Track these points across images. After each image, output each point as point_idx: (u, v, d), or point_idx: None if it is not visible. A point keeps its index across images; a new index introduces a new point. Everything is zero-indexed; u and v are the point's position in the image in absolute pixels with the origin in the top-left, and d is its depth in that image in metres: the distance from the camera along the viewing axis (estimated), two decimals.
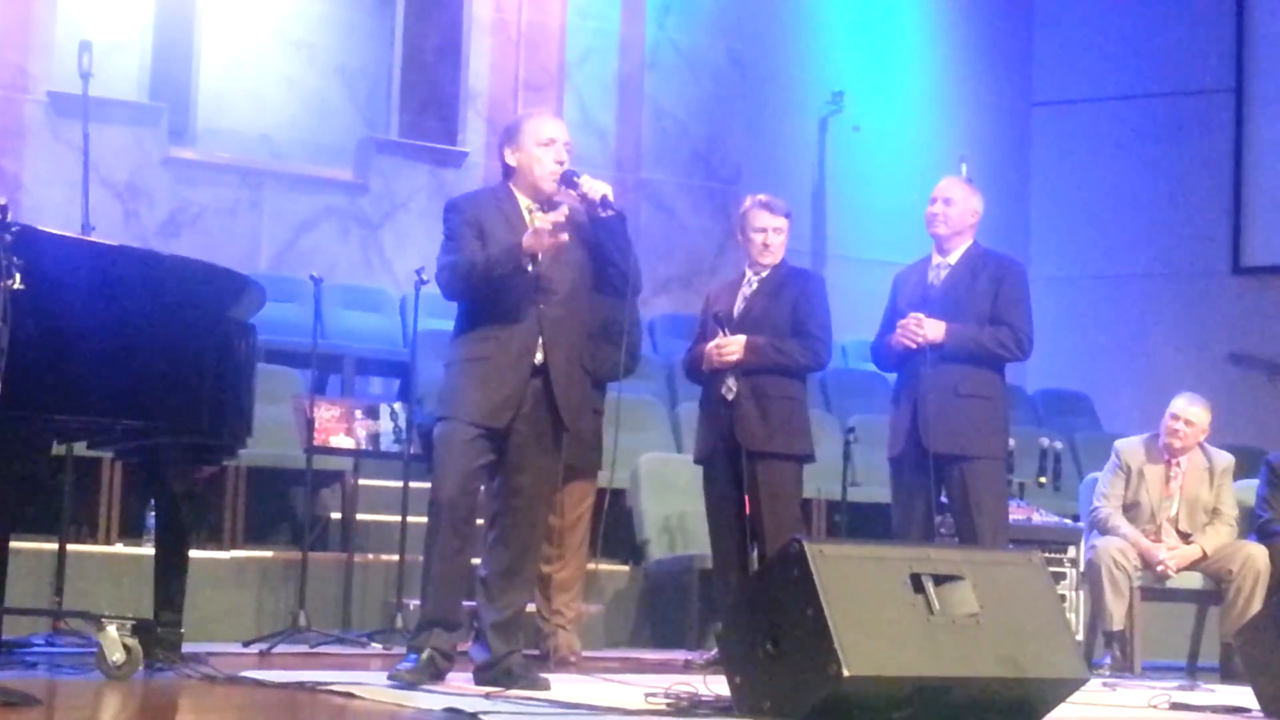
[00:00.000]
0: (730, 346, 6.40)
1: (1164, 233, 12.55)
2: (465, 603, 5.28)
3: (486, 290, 5.07)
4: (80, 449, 6.29)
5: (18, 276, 4.37)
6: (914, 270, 6.57)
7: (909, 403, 6.32)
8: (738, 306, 6.54)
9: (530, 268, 5.01)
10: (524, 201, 5.18)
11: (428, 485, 5.30)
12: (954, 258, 6.44)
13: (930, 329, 6.26)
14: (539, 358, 5.07)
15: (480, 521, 5.22)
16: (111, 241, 5.56)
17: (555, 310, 5.09)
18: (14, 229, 4.42)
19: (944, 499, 6.41)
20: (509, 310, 5.07)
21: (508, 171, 5.24)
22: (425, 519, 5.16)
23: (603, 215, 5.10)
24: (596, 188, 5.09)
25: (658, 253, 10.96)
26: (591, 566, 6.95)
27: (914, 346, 6.26)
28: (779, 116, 12.14)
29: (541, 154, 5.15)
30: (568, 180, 5.12)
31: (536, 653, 6.34)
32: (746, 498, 6.33)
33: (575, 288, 5.15)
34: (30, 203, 9.16)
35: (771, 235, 6.54)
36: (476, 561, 5.22)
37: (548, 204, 5.17)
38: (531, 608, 6.22)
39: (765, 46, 12.06)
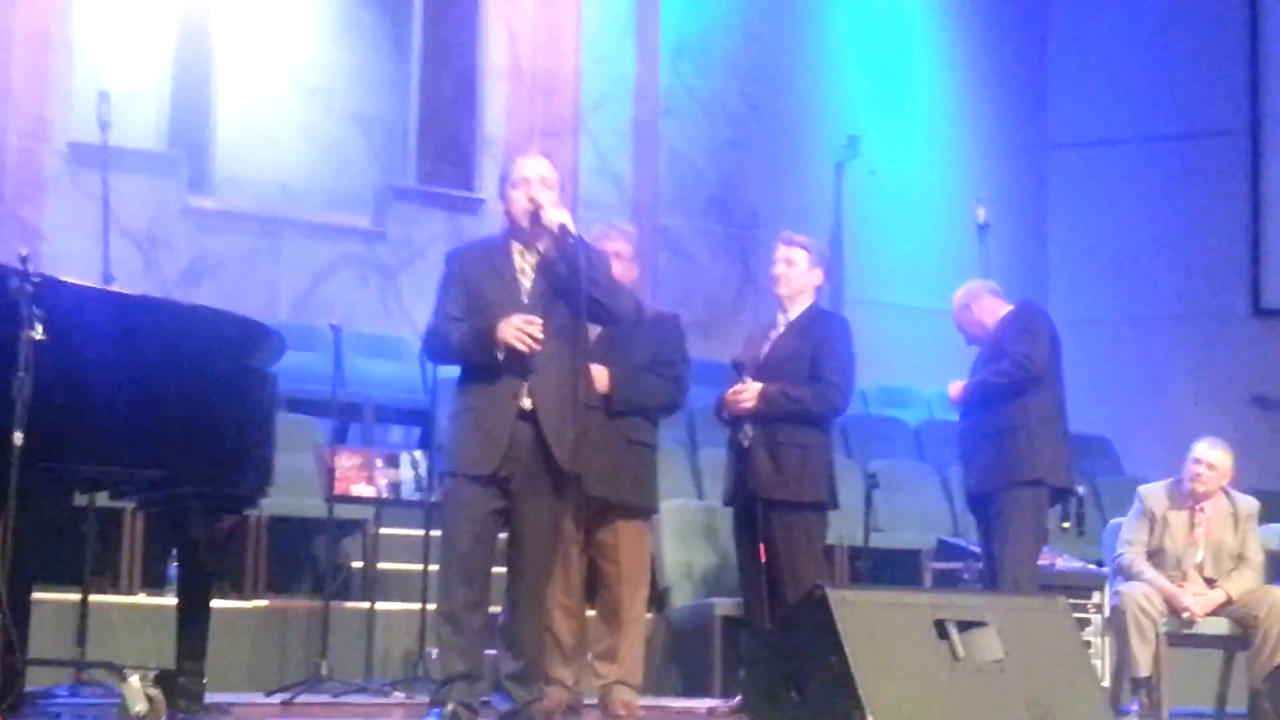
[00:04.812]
0: (745, 394, 6.37)
1: (1183, 274, 12.52)
2: (487, 651, 5.26)
3: (461, 364, 5.13)
4: (102, 499, 6.28)
5: (40, 327, 4.38)
6: None
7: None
8: (764, 350, 6.52)
9: (501, 357, 5.01)
10: (517, 247, 5.20)
11: None
12: None
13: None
14: (526, 403, 5.05)
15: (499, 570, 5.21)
16: (132, 291, 5.57)
17: (541, 351, 5.06)
18: (35, 279, 4.44)
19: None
20: (495, 357, 5.06)
21: (506, 215, 5.30)
22: None
23: (566, 243, 5.09)
24: (554, 217, 5.09)
25: (675, 298, 10.94)
26: None
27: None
28: (795, 161, 12.15)
29: (516, 195, 5.18)
30: (535, 217, 5.12)
31: (594, 703, 6.27)
32: (762, 545, 6.29)
33: (564, 325, 5.12)
34: (51, 253, 9.18)
35: (780, 266, 6.53)
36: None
37: (530, 245, 5.18)
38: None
39: (780, 91, 12.09)
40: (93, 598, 6.42)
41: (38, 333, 4.35)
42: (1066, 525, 7.26)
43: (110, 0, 9.98)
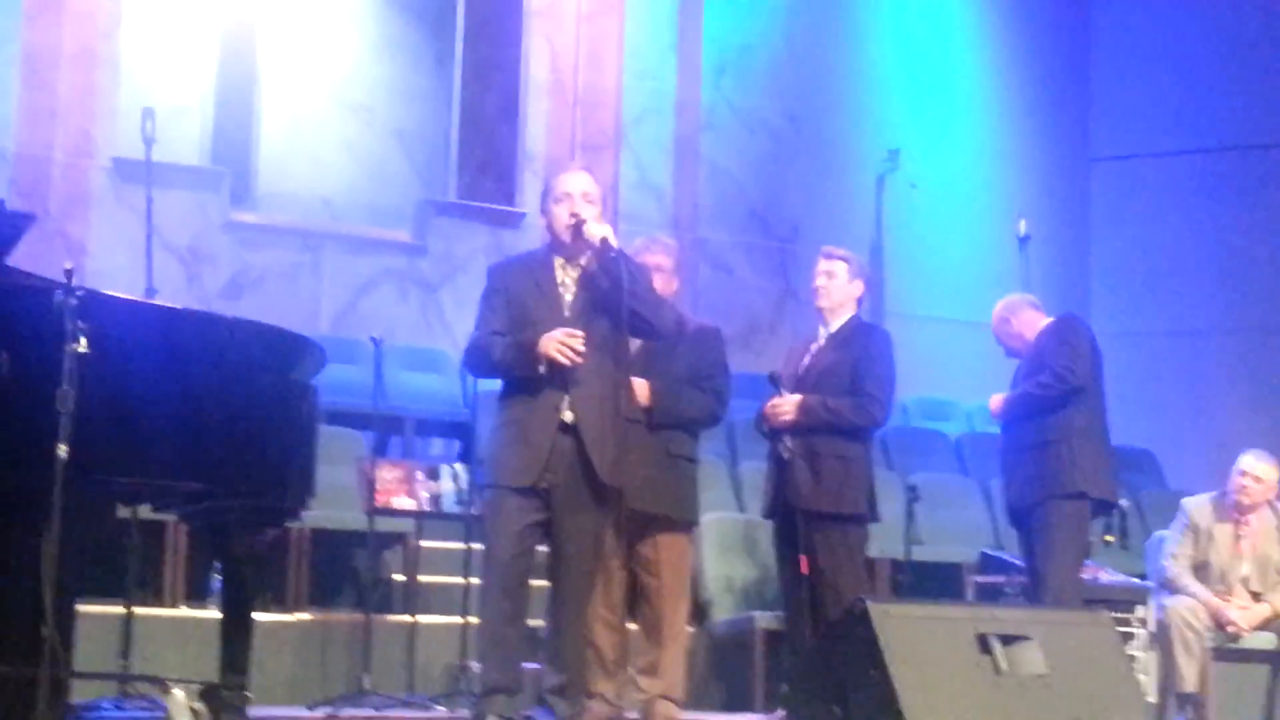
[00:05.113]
0: (784, 407, 6.36)
1: (1226, 287, 12.44)
2: (527, 665, 5.25)
3: (503, 378, 5.13)
4: (145, 512, 6.31)
5: (83, 340, 4.40)
6: None
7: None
8: (805, 362, 6.51)
9: (543, 371, 5.01)
10: (559, 261, 5.22)
11: None
12: None
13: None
14: (568, 415, 5.06)
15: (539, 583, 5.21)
16: (175, 305, 5.59)
17: (582, 364, 5.07)
18: (79, 293, 4.45)
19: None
20: (537, 370, 5.07)
21: (548, 229, 5.31)
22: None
23: (608, 257, 5.10)
24: (596, 232, 5.10)
25: (716, 312, 10.91)
26: None
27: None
28: (836, 175, 12.12)
29: (558, 210, 5.20)
30: (577, 231, 5.14)
31: (636, 717, 6.25)
32: (803, 558, 6.27)
33: (605, 339, 5.13)
34: (95, 267, 9.23)
35: (821, 278, 6.53)
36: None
37: (572, 259, 5.19)
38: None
39: (821, 105, 12.07)
40: (136, 611, 6.45)
41: (82, 346, 4.36)
42: (1110, 538, 7.23)
43: (155, 18, 10.04)
